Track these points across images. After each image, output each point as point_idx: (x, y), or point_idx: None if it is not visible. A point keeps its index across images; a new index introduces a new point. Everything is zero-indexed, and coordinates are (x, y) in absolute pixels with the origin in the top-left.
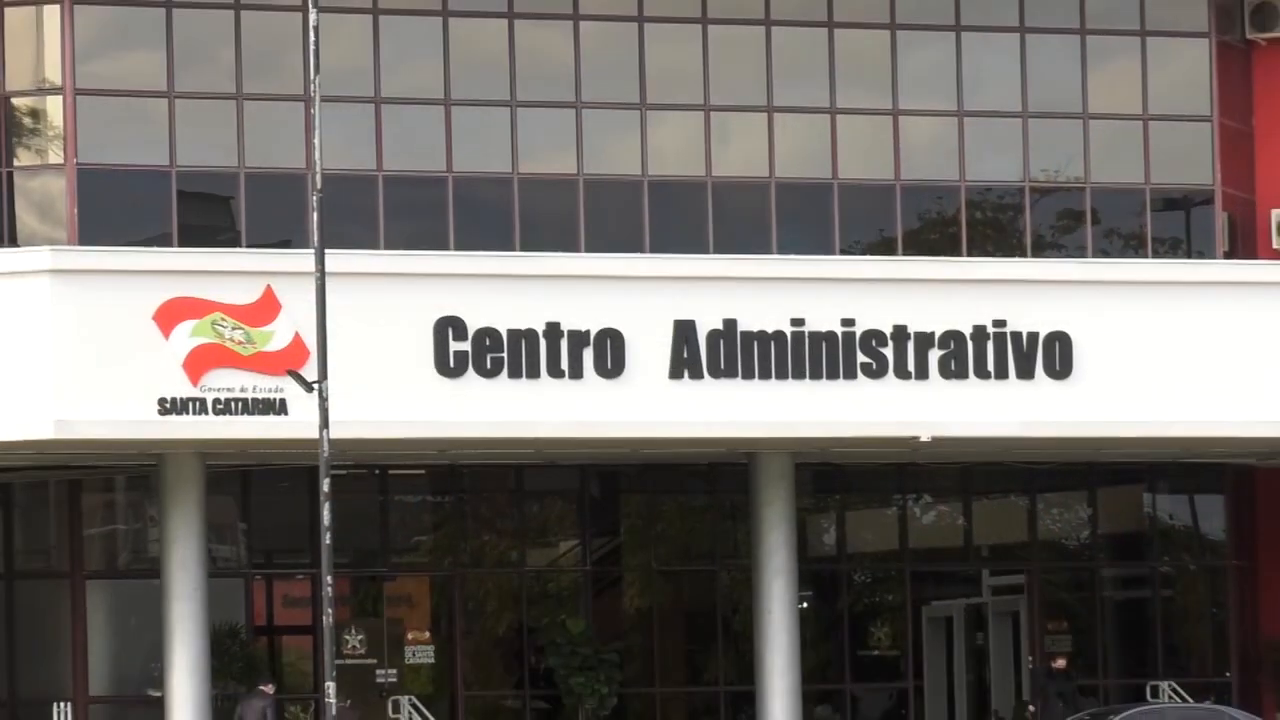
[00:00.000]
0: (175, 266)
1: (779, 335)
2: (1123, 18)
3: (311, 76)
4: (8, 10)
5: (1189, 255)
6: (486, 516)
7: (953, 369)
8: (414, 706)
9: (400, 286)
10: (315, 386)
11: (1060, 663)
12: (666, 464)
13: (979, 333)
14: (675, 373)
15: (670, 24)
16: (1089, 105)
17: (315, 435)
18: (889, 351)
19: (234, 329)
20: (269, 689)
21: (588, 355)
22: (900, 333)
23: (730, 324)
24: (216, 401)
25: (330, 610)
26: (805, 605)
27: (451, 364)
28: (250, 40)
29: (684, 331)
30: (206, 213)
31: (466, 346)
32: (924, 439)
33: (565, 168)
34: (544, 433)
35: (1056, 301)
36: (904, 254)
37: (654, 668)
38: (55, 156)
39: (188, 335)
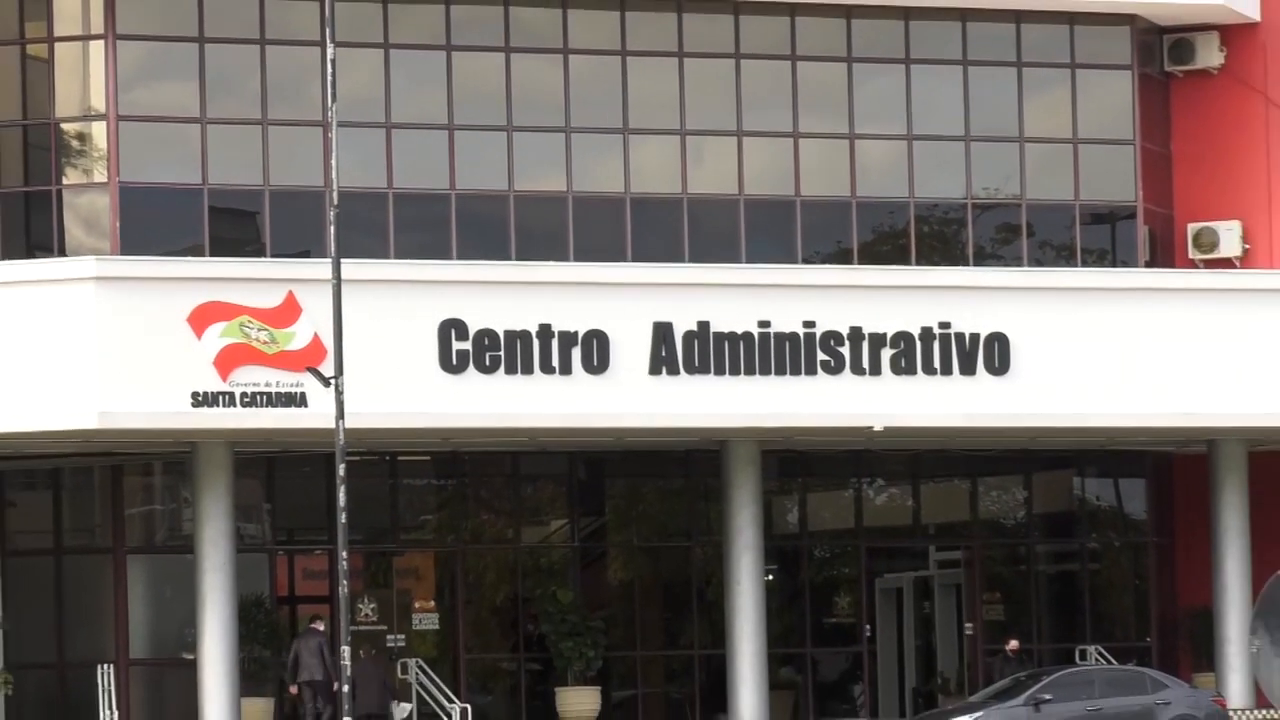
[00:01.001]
0: (207, 274)
1: (747, 335)
2: (1054, 52)
3: (329, 104)
4: (57, 45)
5: (1114, 265)
6: (485, 498)
7: (903, 366)
8: (420, 668)
9: (408, 292)
10: (332, 382)
11: (1014, 644)
12: (646, 451)
13: (926, 333)
14: (654, 369)
15: (650, 57)
16: (1024, 130)
17: (332, 425)
18: (846, 350)
19: (259, 330)
20: (320, 626)
21: (576, 354)
22: (856, 333)
23: (704, 325)
24: (244, 395)
25: (346, 582)
26: (771, 577)
27: (454, 361)
28: (274, 72)
29: (662, 332)
30: (235, 226)
31: (468, 346)
32: (877, 429)
33: (556, 186)
34: (537, 423)
35: (995, 306)
36: (859, 263)
37: (635, 633)
38: (100, 175)
39: (218, 336)
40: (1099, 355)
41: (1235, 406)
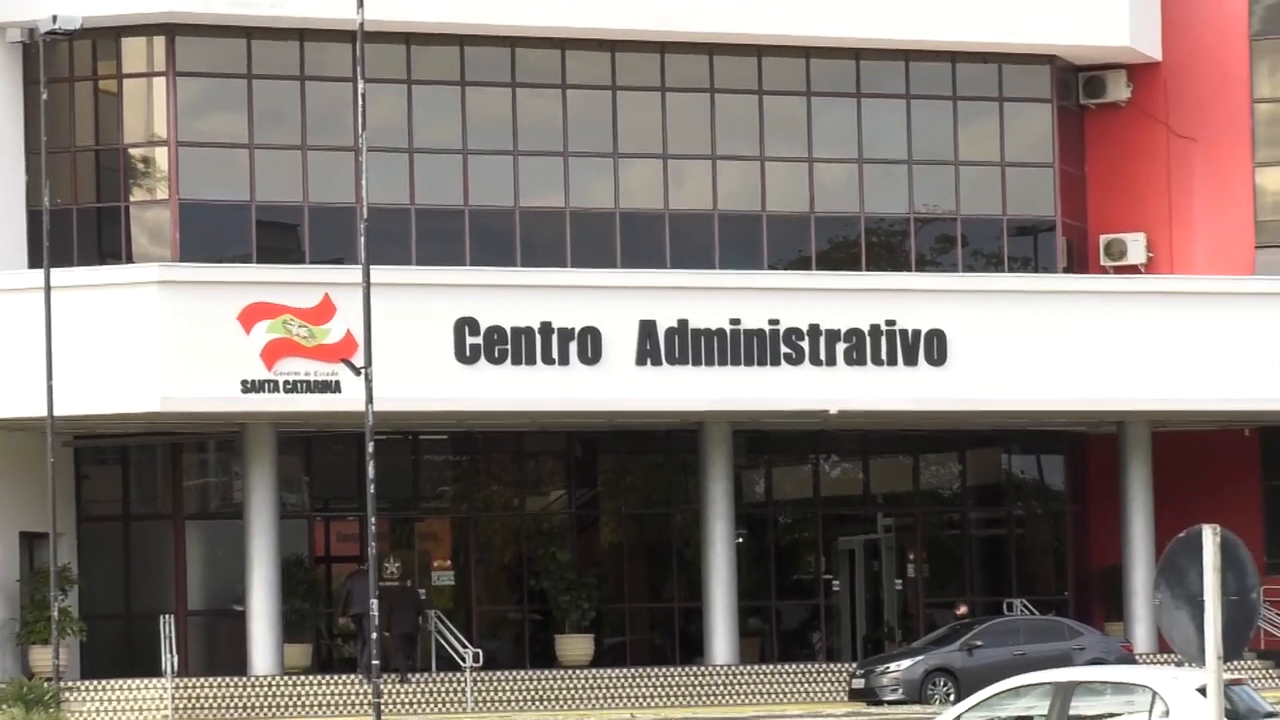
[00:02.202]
0: (254, 278)
1: (720, 331)
2: (984, 87)
3: (360, 132)
4: (125, 81)
5: (1036, 271)
6: (494, 472)
7: (854, 358)
8: (439, 618)
9: (427, 294)
10: (362, 371)
11: (962, 609)
12: (633, 431)
13: (875, 330)
14: (640, 360)
15: (636, 92)
16: (958, 154)
17: (362, 409)
18: (805, 344)
19: (300, 327)
20: (364, 567)
21: (573, 347)
22: (814, 330)
23: (683, 323)
24: (286, 383)
25: (374, 544)
26: (741, 540)
27: (467, 354)
28: (312, 104)
29: (647, 329)
30: (278, 237)
31: (479, 340)
32: (832, 412)
33: (555, 202)
34: (538, 407)
35: (934, 306)
36: (817, 269)
37: (624, 588)
38: (162, 194)
39: (264, 332)
40: (1024, 348)
41: (1141, 392)
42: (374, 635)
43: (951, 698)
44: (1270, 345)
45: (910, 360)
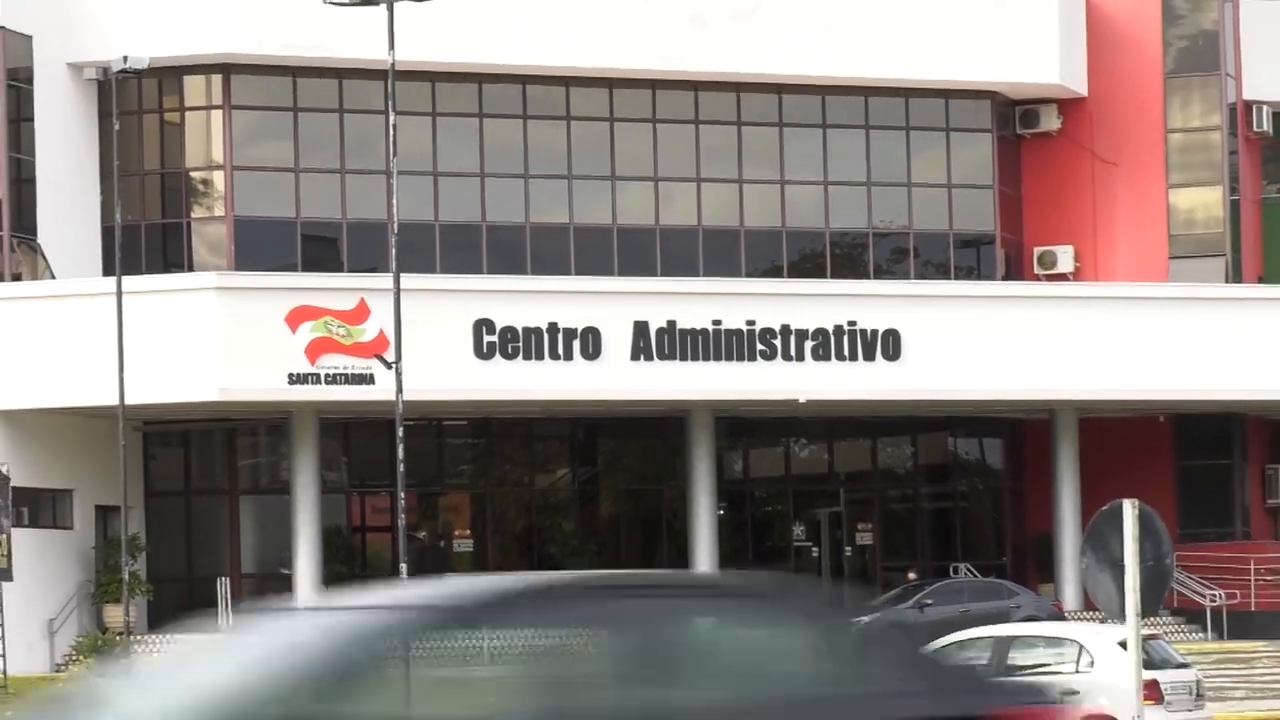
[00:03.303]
0: (299, 285)
1: (704, 331)
2: (934, 119)
3: (391, 158)
4: (187, 113)
5: (978, 278)
6: (507, 453)
7: (820, 354)
8: None
9: (450, 298)
10: (393, 366)
11: (913, 575)
12: (628, 418)
13: (838, 330)
14: (634, 356)
15: (631, 123)
16: (911, 177)
17: (393, 398)
18: (778, 342)
19: (339, 327)
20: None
21: (576, 344)
22: (785, 329)
23: (671, 323)
24: (327, 375)
25: (403, 516)
26: (722, 513)
27: (484, 350)
28: (349, 133)
29: (640, 328)
30: (320, 249)
31: (495, 339)
32: (801, 401)
33: (560, 219)
34: (546, 396)
35: (890, 309)
36: (788, 276)
37: (620, 554)
38: (219, 211)
39: (308, 331)
40: (968, 346)
41: (1069, 384)
42: None
43: None
44: (1182, 343)
45: (869, 356)
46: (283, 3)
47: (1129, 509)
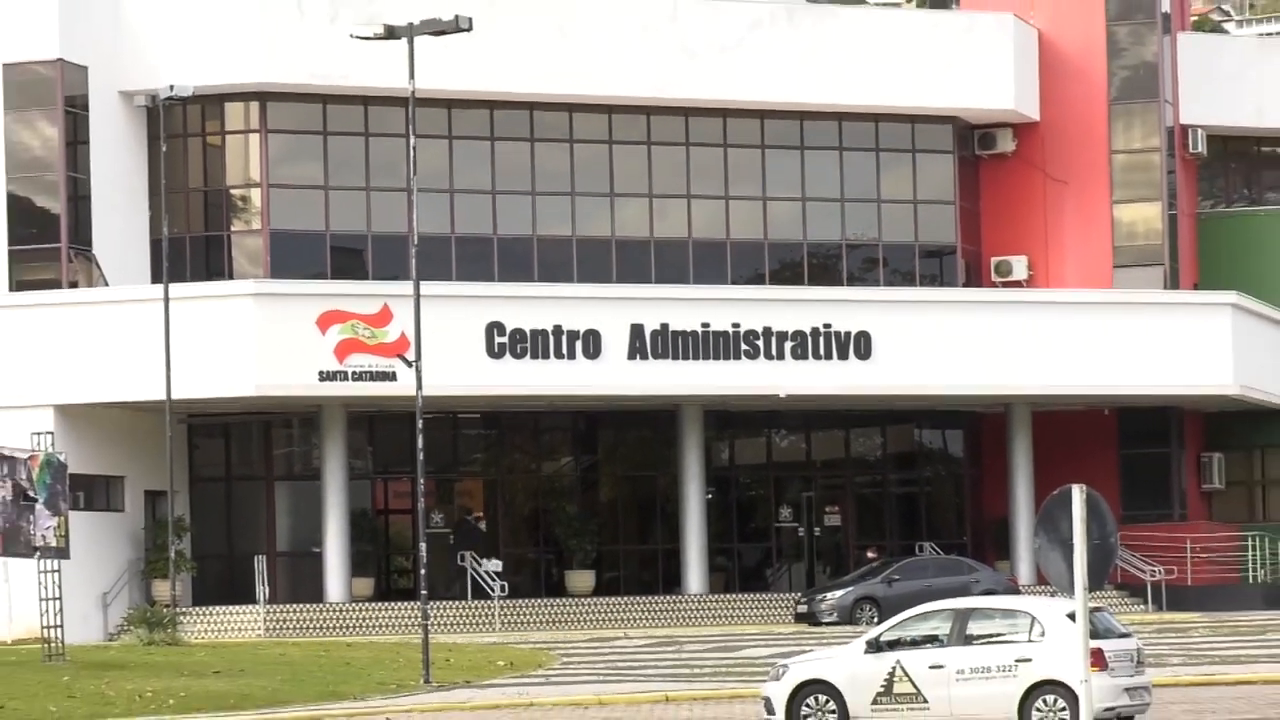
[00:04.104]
0: (328, 291)
1: (694, 333)
2: (901, 141)
3: (411, 176)
4: (228, 137)
5: (941, 285)
6: (517, 442)
7: (799, 353)
8: (473, 558)
9: (465, 303)
10: (414, 364)
11: (872, 553)
12: (626, 411)
13: (815, 331)
14: (631, 356)
15: (628, 145)
16: (880, 194)
17: (413, 394)
18: (760, 343)
19: (364, 329)
20: (477, 516)
21: (578, 345)
22: (767, 331)
23: (664, 325)
24: (353, 373)
25: (422, 499)
26: (710, 496)
27: (496, 350)
28: (374, 155)
29: (637, 330)
30: (347, 259)
31: (505, 340)
32: (781, 395)
33: (564, 231)
34: (552, 392)
35: (862, 313)
36: (770, 284)
37: (618, 534)
38: (256, 225)
39: (336, 333)
40: (932, 346)
41: (1023, 380)
42: (423, 570)
43: (875, 619)
44: (1125, 343)
45: (843, 356)
46: (313, 37)
47: (1077, 493)
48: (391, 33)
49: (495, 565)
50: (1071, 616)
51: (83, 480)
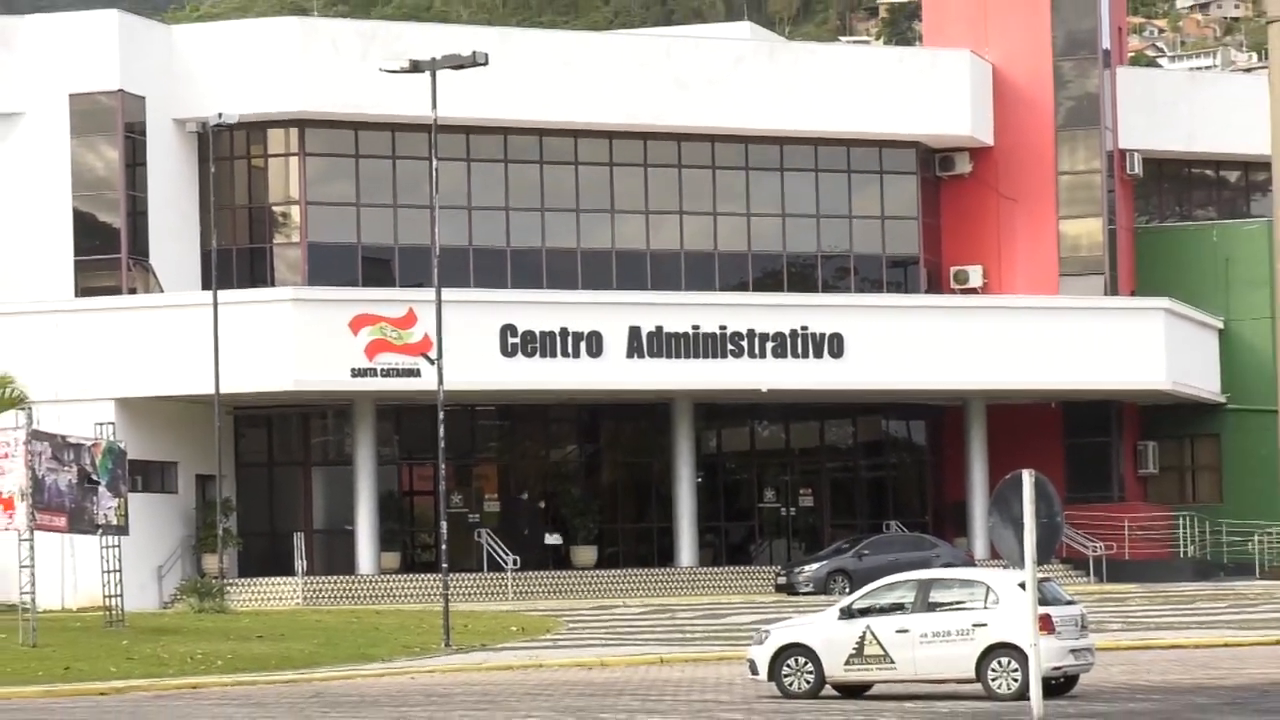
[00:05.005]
0: (360, 297)
1: (685, 334)
2: (870, 164)
3: (433, 195)
4: (270, 160)
5: (906, 292)
6: (527, 432)
7: (779, 353)
8: (489, 535)
9: (481, 308)
10: (435, 362)
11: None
12: (625, 404)
13: (793, 333)
14: (629, 355)
15: (627, 167)
16: (852, 211)
17: (435, 388)
18: (744, 343)
19: (392, 331)
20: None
21: (582, 345)
22: (751, 333)
23: (659, 328)
24: (382, 370)
25: (443, 483)
26: (700, 480)
27: (508, 350)
28: (401, 176)
29: (634, 332)
30: (376, 268)
31: (517, 340)
32: (764, 390)
33: (569, 244)
34: (558, 386)
35: (835, 317)
36: (753, 290)
37: (618, 514)
38: (295, 238)
39: (367, 334)
40: (898, 346)
41: (979, 377)
42: (444, 546)
43: (847, 590)
44: (1070, 344)
45: (818, 354)
46: (346, 71)
47: (1027, 478)
48: (416, 67)
49: (556, 539)
50: (1022, 586)
51: (140, 465)
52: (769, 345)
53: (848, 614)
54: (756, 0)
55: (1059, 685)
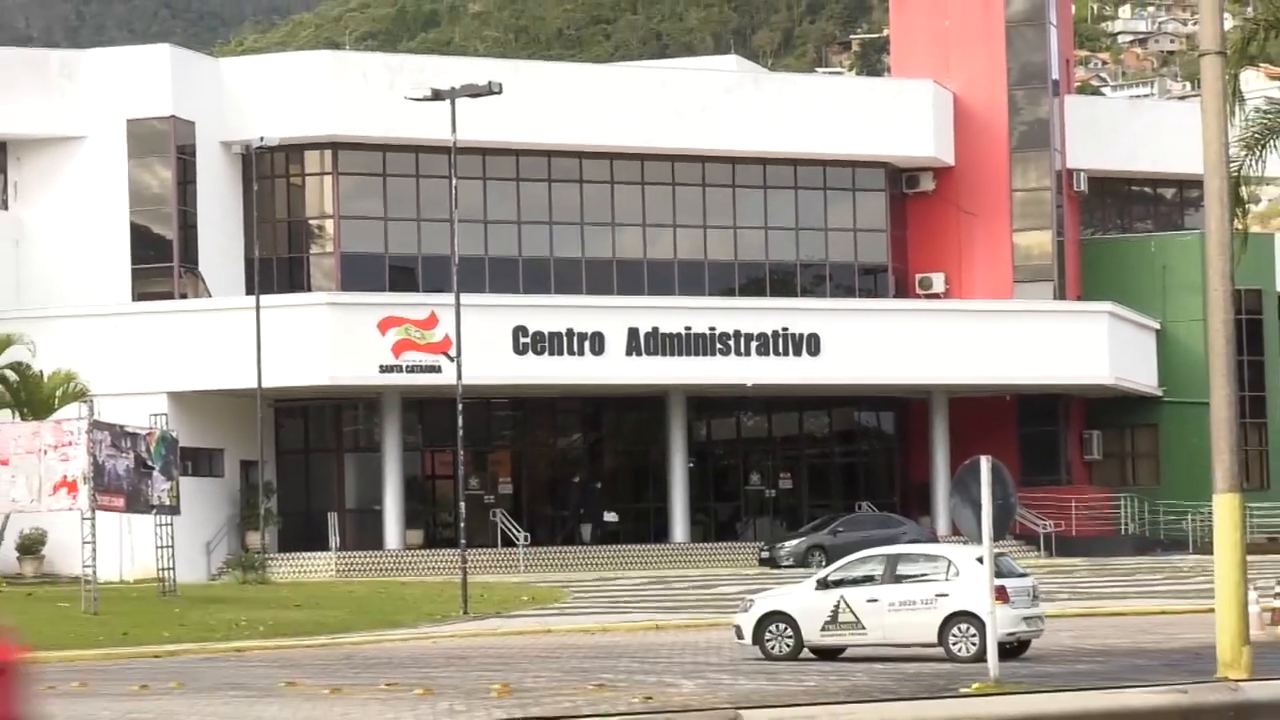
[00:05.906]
0: (387, 301)
1: (678, 334)
2: (843, 182)
3: (453, 209)
4: (306, 178)
5: (876, 296)
6: (538, 422)
7: (762, 351)
8: (504, 515)
9: (496, 311)
10: (455, 360)
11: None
12: (625, 397)
13: (775, 334)
14: (628, 353)
15: (626, 185)
16: (828, 224)
17: (455, 383)
18: (732, 342)
19: (416, 331)
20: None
21: (586, 344)
22: (737, 333)
23: (655, 329)
24: (407, 366)
25: (462, 467)
26: (691, 466)
27: (520, 348)
28: (424, 193)
29: (633, 333)
30: (402, 275)
31: (528, 340)
32: (749, 385)
33: (574, 253)
34: (565, 382)
35: (813, 319)
36: (739, 295)
37: (618, 496)
38: (329, 249)
39: (393, 335)
40: (869, 345)
41: (942, 373)
42: (463, 524)
43: (823, 563)
44: (1023, 343)
45: (797, 352)
46: (375, 99)
47: (984, 463)
48: (438, 96)
49: (613, 517)
50: (980, 560)
51: (190, 452)
52: (753, 344)
53: (824, 585)
54: (742, 35)
55: (1013, 649)
